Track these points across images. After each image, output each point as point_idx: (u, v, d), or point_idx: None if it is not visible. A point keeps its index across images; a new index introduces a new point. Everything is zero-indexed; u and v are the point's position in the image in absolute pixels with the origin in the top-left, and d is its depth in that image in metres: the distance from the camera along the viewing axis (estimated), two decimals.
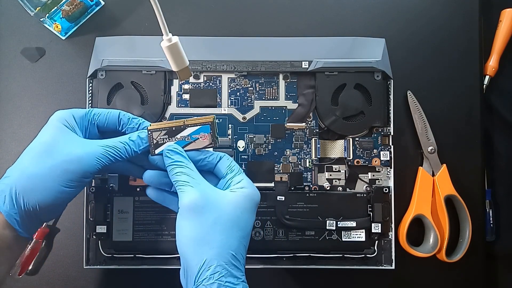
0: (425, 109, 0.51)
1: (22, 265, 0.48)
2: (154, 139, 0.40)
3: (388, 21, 0.52)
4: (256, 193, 0.40)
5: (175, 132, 0.41)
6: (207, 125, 0.41)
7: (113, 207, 0.48)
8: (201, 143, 0.41)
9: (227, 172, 0.40)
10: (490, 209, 0.52)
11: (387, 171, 0.50)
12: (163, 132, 0.40)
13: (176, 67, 0.41)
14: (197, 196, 0.36)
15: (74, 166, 0.37)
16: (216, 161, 0.41)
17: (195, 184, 0.37)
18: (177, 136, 0.41)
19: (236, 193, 0.38)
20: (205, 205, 0.36)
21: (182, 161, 0.39)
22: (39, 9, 0.47)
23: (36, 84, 0.51)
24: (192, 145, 0.41)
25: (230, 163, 0.41)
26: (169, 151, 0.39)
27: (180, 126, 0.41)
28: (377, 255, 0.49)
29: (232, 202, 0.37)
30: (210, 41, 0.50)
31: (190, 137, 0.41)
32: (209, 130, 0.41)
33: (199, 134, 0.41)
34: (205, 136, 0.41)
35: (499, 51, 0.53)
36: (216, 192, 0.38)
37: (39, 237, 0.49)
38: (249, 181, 0.40)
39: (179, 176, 0.38)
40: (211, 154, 0.41)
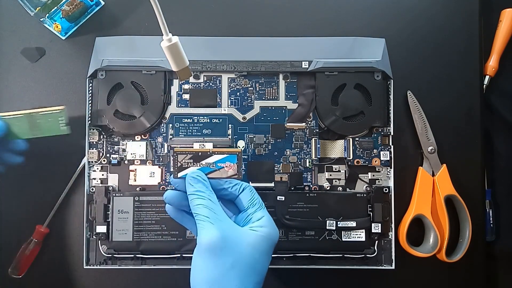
0: (425, 109, 0.51)
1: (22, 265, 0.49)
2: (178, 162, 0.40)
3: (388, 21, 0.52)
4: (275, 233, 0.38)
5: (200, 157, 0.40)
6: (234, 155, 0.40)
7: (113, 207, 0.48)
8: (226, 172, 0.40)
9: (249, 206, 0.39)
10: (490, 209, 0.52)
11: (387, 171, 0.50)
12: (189, 155, 0.40)
13: (176, 67, 0.41)
14: (216, 236, 0.35)
15: None
16: (238, 192, 0.40)
17: (216, 220, 0.36)
18: (202, 162, 0.40)
19: (256, 233, 0.37)
20: (224, 247, 0.35)
21: (203, 191, 0.38)
22: (39, 9, 0.47)
23: (36, 84, 0.51)
24: (216, 173, 0.40)
25: (252, 196, 0.40)
26: (192, 178, 0.38)
27: (206, 152, 0.40)
28: (377, 255, 0.49)
29: (251, 244, 0.36)
30: (210, 41, 0.50)
31: (215, 164, 0.40)
32: (236, 160, 0.40)
33: (224, 163, 0.40)
34: (231, 166, 0.40)
35: (499, 51, 0.53)
36: (235, 231, 0.37)
37: (39, 237, 0.49)
38: (269, 218, 0.39)
39: (199, 209, 0.36)
40: (234, 184, 0.40)
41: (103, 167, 0.49)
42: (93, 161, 0.49)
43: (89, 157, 0.49)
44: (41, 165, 0.50)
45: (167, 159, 0.49)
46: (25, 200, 0.50)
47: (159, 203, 0.48)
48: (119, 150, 0.49)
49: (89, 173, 0.49)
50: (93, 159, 0.49)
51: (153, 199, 0.48)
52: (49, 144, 0.50)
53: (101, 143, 0.49)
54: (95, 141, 0.49)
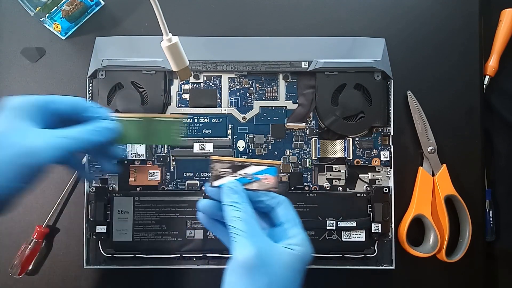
0: (425, 109, 0.51)
1: (22, 265, 0.49)
2: (215, 170, 0.38)
3: (388, 21, 0.52)
4: (310, 253, 0.37)
5: (238, 167, 0.38)
6: (274, 167, 0.38)
7: (113, 207, 0.48)
8: (264, 184, 0.38)
9: (284, 221, 0.37)
10: (490, 209, 0.52)
11: (387, 171, 0.50)
12: (226, 165, 0.38)
13: (176, 67, 0.41)
14: (252, 254, 0.33)
15: (27, 159, 0.33)
16: (274, 205, 0.38)
17: (251, 235, 0.34)
18: (240, 173, 0.38)
19: (293, 252, 0.35)
20: (260, 266, 0.33)
21: (240, 203, 0.36)
22: (39, 9, 0.47)
23: (36, 84, 0.51)
24: (254, 185, 0.38)
25: (289, 211, 0.38)
26: (229, 189, 0.37)
27: (245, 163, 0.38)
28: (377, 255, 0.49)
29: (286, 264, 0.35)
30: (210, 41, 0.50)
31: (253, 176, 0.38)
32: (275, 173, 0.38)
33: (263, 175, 0.38)
34: (270, 178, 0.38)
35: (499, 51, 0.53)
36: (272, 248, 0.35)
37: (39, 237, 0.49)
38: (305, 236, 0.37)
39: (235, 222, 0.35)
40: (272, 197, 0.38)
41: None
42: (93, 161, 0.49)
43: (89, 157, 0.49)
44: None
45: (167, 159, 0.49)
46: (25, 200, 0.50)
47: (159, 203, 0.48)
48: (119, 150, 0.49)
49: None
50: (93, 159, 0.49)
51: (153, 199, 0.48)
52: None
53: None
54: None
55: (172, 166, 0.49)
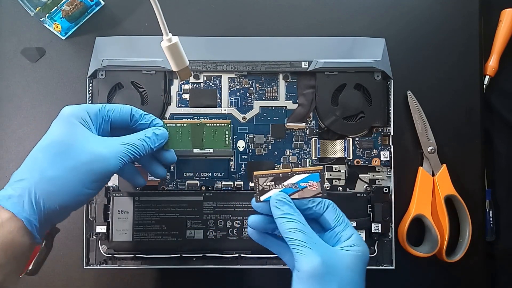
0: (425, 109, 0.51)
1: None
2: (260, 185, 0.38)
3: (388, 21, 0.52)
4: (367, 251, 0.38)
5: (282, 179, 0.38)
6: (317, 173, 0.38)
7: (113, 207, 0.48)
8: (309, 192, 0.38)
9: (336, 224, 0.38)
10: (490, 209, 0.52)
11: (387, 171, 0.50)
12: (269, 178, 0.38)
13: (176, 67, 0.41)
14: (318, 262, 0.34)
15: (98, 166, 0.35)
16: (323, 210, 0.39)
17: (313, 244, 0.35)
18: (284, 184, 0.38)
19: (351, 253, 0.36)
20: (327, 272, 0.34)
21: (292, 213, 0.36)
22: (39, 9, 0.47)
23: (36, 84, 0.51)
24: (300, 194, 0.38)
25: (337, 213, 0.38)
26: (278, 201, 0.37)
27: (287, 173, 0.38)
28: (377, 255, 0.49)
29: (350, 266, 0.36)
30: (210, 41, 0.50)
31: (297, 185, 0.38)
32: (319, 178, 0.38)
33: (307, 182, 0.38)
34: (314, 184, 0.38)
35: (499, 51, 0.53)
36: (333, 253, 0.36)
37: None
38: (358, 235, 0.38)
39: (293, 234, 0.35)
40: (318, 202, 0.39)
41: None
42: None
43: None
44: None
45: None
46: None
47: (159, 203, 0.48)
48: None
49: None
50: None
51: (153, 199, 0.48)
52: None
53: None
54: None
55: (172, 166, 0.49)
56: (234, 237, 0.48)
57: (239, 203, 0.48)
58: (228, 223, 0.48)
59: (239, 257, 0.48)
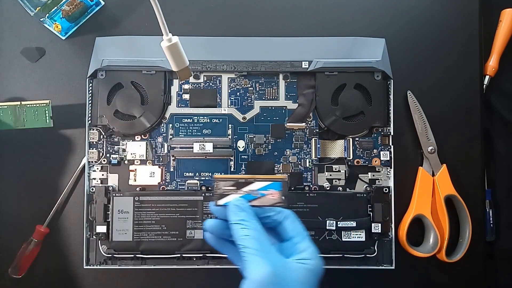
0: (425, 109, 0.51)
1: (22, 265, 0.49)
2: (219, 189, 0.38)
3: (388, 21, 0.52)
4: (321, 265, 0.37)
5: (242, 184, 0.38)
6: (279, 182, 0.38)
7: (113, 207, 0.48)
8: (269, 200, 0.38)
9: (293, 235, 0.37)
10: (490, 209, 0.52)
11: (387, 171, 0.50)
12: (230, 182, 0.38)
13: (176, 67, 0.41)
14: (267, 272, 0.33)
15: None
16: (281, 219, 0.38)
17: (264, 254, 0.34)
18: (244, 189, 0.38)
19: (305, 266, 0.35)
20: (275, 283, 0.33)
21: (248, 220, 0.36)
22: (39, 9, 0.47)
23: (36, 84, 0.51)
24: (259, 201, 0.38)
25: (296, 225, 0.38)
26: (235, 206, 0.36)
27: (249, 179, 0.38)
28: (377, 255, 0.49)
29: (300, 280, 0.35)
30: (210, 41, 0.50)
31: (258, 192, 0.38)
32: (280, 187, 0.38)
33: (268, 190, 0.38)
34: (275, 193, 0.38)
35: (499, 51, 0.53)
36: (285, 265, 0.35)
37: (39, 237, 0.49)
38: (314, 249, 0.37)
39: (246, 241, 0.34)
40: (277, 212, 0.38)
41: (103, 167, 0.49)
42: (93, 161, 0.49)
43: (89, 157, 0.49)
44: (41, 165, 0.50)
45: (167, 159, 0.49)
46: (25, 200, 0.50)
47: (159, 203, 0.48)
48: (119, 150, 0.49)
49: (89, 173, 0.49)
50: (93, 159, 0.49)
51: (153, 199, 0.48)
52: (49, 144, 0.50)
53: (101, 143, 0.49)
54: (95, 141, 0.49)
55: (172, 166, 0.49)
56: None
57: None
58: None
59: None
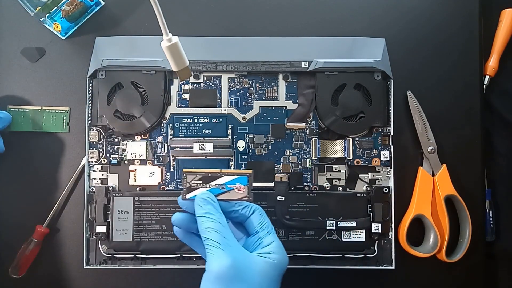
0: (425, 109, 0.51)
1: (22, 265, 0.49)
2: (187, 183, 0.39)
3: (388, 21, 0.52)
4: (285, 260, 0.37)
5: (210, 178, 0.39)
6: (245, 176, 0.39)
7: (113, 207, 0.48)
8: (236, 194, 0.39)
9: (258, 229, 0.38)
10: (490, 209, 0.52)
11: (387, 171, 0.50)
12: (198, 176, 0.39)
13: (176, 67, 0.41)
14: (227, 264, 0.34)
15: None
16: (248, 214, 0.39)
17: (226, 246, 0.35)
18: (212, 183, 0.39)
19: (267, 260, 0.36)
20: (235, 276, 0.34)
21: (213, 213, 0.36)
22: (39, 9, 0.47)
23: (36, 84, 0.51)
24: (226, 195, 0.39)
25: (262, 219, 0.38)
26: (202, 200, 0.37)
27: (216, 173, 0.39)
28: (377, 255, 0.49)
29: (261, 273, 0.35)
30: (210, 41, 0.50)
31: (225, 186, 0.39)
32: (247, 182, 0.39)
33: (235, 185, 0.39)
34: (241, 187, 0.39)
35: (499, 51, 0.53)
36: (246, 258, 0.36)
37: (39, 237, 0.49)
38: (279, 243, 0.38)
39: (209, 233, 0.35)
40: (244, 206, 0.39)
41: (103, 167, 0.49)
42: (93, 161, 0.49)
43: (89, 157, 0.49)
44: (41, 165, 0.50)
45: (167, 159, 0.49)
46: (25, 200, 0.50)
47: (159, 203, 0.48)
48: (119, 150, 0.49)
49: (89, 173, 0.49)
50: (93, 159, 0.49)
51: (153, 199, 0.48)
52: (49, 144, 0.50)
53: (101, 143, 0.49)
54: (95, 141, 0.49)
55: (172, 166, 0.49)
56: None
57: None
58: None
59: None
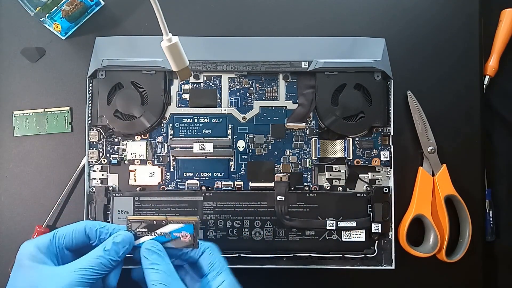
0: (425, 109, 0.51)
1: None
2: (132, 231, 0.38)
3: (388, 21, 0.52)
4: None
5: (155, 226, 0.38)
6: (191, 225, 0.38)
7: (113, 207, 0.48)
8: (182, 242, 0.38)
9: (209, 271, 0.38)
10: (490, 209, 0.52)
11: (387, 171, 0.50)
12: (143, 224, 0.38)
13: (176, 67, 0.41)
14: None
15: None
16: (198, 256, 0.38)
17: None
18: (157, 232, 0.38)
19: None
20: None
21: (159, 263, 0.36)
22: (39, 9, 0.47)
23: (36, 84, 0.51)
24: (172, 243, 0.38)
25: (211, 259, 0.38)
26: (147, 250, 0.36)
27: (161, 221, 0.38)
28: (377, 255, 0.49)
29: None
30: (210, 41, 0.50)
31: (171, 234, 0.38)
32: (192, 230, 0.38)
33: (180, 233, 0.38)
34: (187, 235, 0.38)
35: (499, 51, 0.53)
36: None
37: None
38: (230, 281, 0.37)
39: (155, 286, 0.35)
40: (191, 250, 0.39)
41: (103, 167, 0.49)
42: (93, 161, 0.49)
43: (89, 157, 0.49)
44: (41, 165, 0.50)
45: (167, 159, 0.49)
46: (25, 200, 0.50)
47: (159, 203, 0.48)
48: (119, 150, 0.49)
49: (89, 173, 0.49)
50: (93, 159, 0.49)
51: (153, 199, 0.48)
52: (49, 144, 0.50)
53: (101, 143, 0.49)
54: (95, 141, 0.49)
55: (172, 166, 0.49)
56: (234, 237, 0.48)
57: (239, 203, 0.48)
58: (228, 223, 0.48)
59: (239, 257, 0.48)
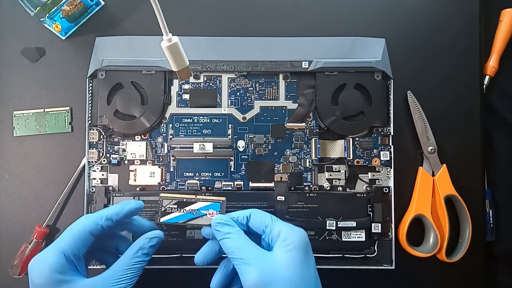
0: (425, 109, 0.51)
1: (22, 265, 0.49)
2: (163, 207, 0.41)
3: (388, 21, 0.52)
4: (302, 235, 0.38)
5: (185, 204, 0.42)
6: (218, 203, 0.41)
7: None
8: (208, 220, 0.41)
9: (263, 228, 0.39)
10: (490, 209, 0.52)
11: (387, 171, 0.50)
12: (173, 201, 0.41)
13: (176, 67, 0.41)
14: (257, 276, 0.35)
15: None
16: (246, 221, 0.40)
17: (252, 259, 0.36)
18: (186, 209, 0.41)
19: (284, 249, 0.37)
20: (268, 282, 0.35)
21: (230, 231, 0.38)
22: (39, 9, 0.47)
23: (36, 84, 0.51)
24: (199, 220, 0.41)
25: (260, 218, 0.39)
26: (218, 224, 0.39)
27: (191, 199, 0.41)
28: (377, 255, 0.49)
29: (290, 265, 0.36)
30: (210, 41, 0.50)
31: (198, 211, 0.41)
32: (219, 208, 0.41)
33: (208, 210, 0.41)
34: (214, 213, 0.41)
35: (499, 51, 0.53)
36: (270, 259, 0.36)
37: (39, 237, 0.49)
38: (286, 226, 0.39)
39: (233, 252, 0.37)
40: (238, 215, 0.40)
41: (103, 167, 0.49)
42: (93, 161, 0.49)
43: (89, 157, 0.49)
44: (41, 165, 0.50)
45: (167, 159, 0.49)
46: (25, 200, 0.50)
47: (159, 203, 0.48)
48: (119, 150, 0.49)
49: (89, 173, 0.49)
50: (93, 159, 0.49)
51: (153, 199, 0.48)
52: (49, 144, 0.50)
53: (101, 143, 0.49)
54: (95, 141, 0.49)
55: (172, 166, 0.49)
56: None
57: (239, 203, 0.48)
58: None
59: None
